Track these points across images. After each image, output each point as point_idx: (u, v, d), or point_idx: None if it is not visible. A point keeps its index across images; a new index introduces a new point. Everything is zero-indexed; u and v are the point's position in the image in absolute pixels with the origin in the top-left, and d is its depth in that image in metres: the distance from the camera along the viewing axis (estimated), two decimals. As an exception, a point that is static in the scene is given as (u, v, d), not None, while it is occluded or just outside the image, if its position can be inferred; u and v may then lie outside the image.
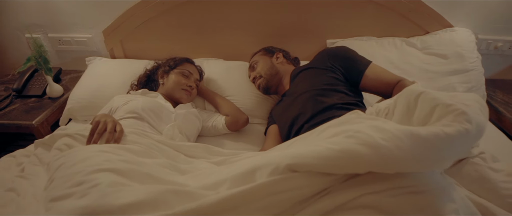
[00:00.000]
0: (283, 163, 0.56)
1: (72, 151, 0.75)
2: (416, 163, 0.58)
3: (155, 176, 0.64)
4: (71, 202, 0.54)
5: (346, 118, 0.73)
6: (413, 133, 0.57)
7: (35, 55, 1.25)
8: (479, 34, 1.46)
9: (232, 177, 0.59)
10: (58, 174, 0.68)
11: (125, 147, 0.77)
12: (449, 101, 0.65)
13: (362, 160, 0.55)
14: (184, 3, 1.43)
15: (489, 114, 1.37)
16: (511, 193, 0.78)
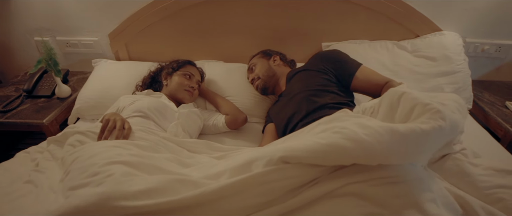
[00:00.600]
0: (276, 155, 0.62)
1: (85, 146, 0.81)
2: (395, 155, 0.65)
3: (162, 168, 0.71)
4: (89, 189, 0.61)
5: (335, 116, 0.80)
6: (392, 129, 0.64)
7: (46, 57, 1.32)
8: (467, 38, 1.53)
9: (231, 168, 0.65)
10: (74, 166, 0.74)
11: (134, 142, 0.84)
12: (427, 101, 0.71)
13: (346, 152, 0.62)
14: (186, 8, 1.49)
15: (477, 113, 1.44)
16: (488, 186, 0.84)
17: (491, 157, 1.11)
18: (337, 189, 0.64)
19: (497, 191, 0.82)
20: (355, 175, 0.65)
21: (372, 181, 0.65)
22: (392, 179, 0.66)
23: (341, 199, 0.63)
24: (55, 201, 0.68)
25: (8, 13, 1.57)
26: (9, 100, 1.40)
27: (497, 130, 1.31)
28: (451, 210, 0.73)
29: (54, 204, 0.62)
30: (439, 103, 0.74)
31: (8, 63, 1.76)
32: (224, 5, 1.48)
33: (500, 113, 1.34)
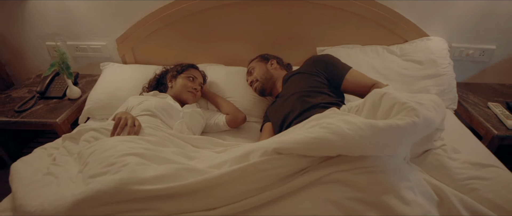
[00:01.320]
0: (271, 147, 0.71)
1: (100, 141, 0.90)
2: (375, 148, 0.74)
3: (170, 159, 0.79)
4: (108, 176, 0.70)
5: (324, 113, 0.89)
6: (372, 125, 0.73)
7: (59, 61, 1.41)
8: (453, 43, 1.61)
9: (232, 158, 0.74)
10: (91, 158, 0.83)
11: (144, 138, 0.92)
12: (404, 100, 0.80)
13: (331, 145, 0.70)
14: (190, 15, 1.57)
15: (462, 113, 1.52)
16: (463, 177, 0.93)
17: (471, 153, 1.19)
18: (324, 177, 0.72)
19: (471, 182, 0.91)
20: (340, 164, 0.74)
21: (355, 170, 0.74)
22: (373, 168, 0.75)
23: (328, 185, 0.72)
24: (76, 188, 0.76)
25: (23, 19, 1.66)
26: (23, 101, 1.49)
27: (479, 129, 1.40)
28: (427, 198, 0.81)
29: (78, 189, 0.71)
30: (416, 103, 0.83)
31: (21, 67, 1.85)
32: (225, 12, 1.57)
33: (483, 113, 1.42)
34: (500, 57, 1.64)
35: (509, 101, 1.47)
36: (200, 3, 1.53)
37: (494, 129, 1.30)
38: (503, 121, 1.34)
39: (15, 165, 0.98)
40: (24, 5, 1.61)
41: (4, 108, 1.45)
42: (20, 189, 0.81)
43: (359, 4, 1.51)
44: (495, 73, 1.69)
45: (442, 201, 0.83)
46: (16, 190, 0.82)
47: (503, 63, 1.65)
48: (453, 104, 1.50)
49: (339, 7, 1.52)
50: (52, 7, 1.61)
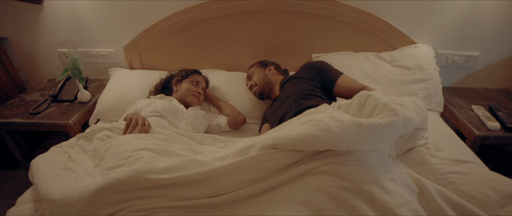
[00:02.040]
0: (267, 142, 0.80)
1: (114, 139, 0.99)
2: (359, 143, 0.83)
3: (179, 153, 0.89)
4: (125, 167, 0.79)
5: (316, 109, 0.99)
6: (357, 122, 0.82)
7: (71, 66, 1.50)
8: (439, 50, 1.72)
9: (234, 152, 0.83)
10: (107, 153, 0.92)
11: (153, 135, 1.02)
12: (386, 102, 0.90)
13: (320, 141, 0.80)
14: (193, 24, 1.67)
15: (448, 115, 1.60)
16: (443, 172, 1.02)
17: (454, 152, 1.28)
18: (315, 168, 0.82)
19: (449, 176, 1.00)
20: (329, 158, 0.83)
21: (342, 162, 0.83)
22: (358, 161, 0.84)
23: (318, 175, 0.81)
24: (95, 179, 0.85)
25: (37, 27, 1.76)
26: (37, 104, 1.58)
27: (463, 129, 1.49)
28: (408, 189, 0.90)
29: (97, 179, 0.80)
30: (397, 104, 0.93)
31: (32, 72, 1.95)
32: (226, 22, 1.66)
33: (466, 115, 1.51)
34: (483, 63, 1.74)
35: (491, 104, 1.56)
36: (203, 13, 1.63)
37: (476, 130, 1.40)
38: (484, 122, 1.43)
39: (35, 161, 1.06)
40: (39, 14, 1.71)
41: (20, 110, 1.54)
42: (43, 181, 0.90)
43: (351, 15, 1.61)
44: (479, 78, 1.79)
45: (422, 193, 0.92)
46: (39, 182, 0.91)
47: (486, 69, 1.75)
48: (439, 107, 1.59)
49: (333, 17, 1.62)
50: (65, 16, 1.71)
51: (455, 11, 1.58)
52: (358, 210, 0.75)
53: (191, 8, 1.64)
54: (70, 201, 0.74)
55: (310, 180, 0.80)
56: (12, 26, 1.77)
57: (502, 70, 1.74)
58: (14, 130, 1.56)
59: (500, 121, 1.43)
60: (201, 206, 0.74)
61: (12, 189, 1.70)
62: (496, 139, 1.38)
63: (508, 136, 1.36)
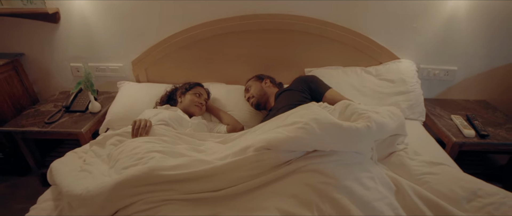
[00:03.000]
0: (260, 144, 0.93)
1: (126, 142, 1.12)
2: (340, 144, 0.96)
3: (184, 154, 1.01)
4: (139, 166, 0.91)
5: (305, 105, 1.13)
6: (338, 125, 0.96)
7: (84, 80, 1.64)
8: (421, 64, 1.86)
9: (233, 152, 0.96)
10: (121, 155, 1.04)
11: (161, 138, 1.14)
12: (363, 110, 1.04)
13: (306, 142, 0.93)
14: (196, 42, 1.81)
15: (430, 124, 1.72)
16: (418, 173, 1.14)
17: (432, 156, 1.40)
18: (303, 167, 0.94)
19: (424, 176, 1.12)
20: (316, 158, 0.96)
21: (326, 162, 0.96)
22: (340, 162, 0.97)
23: (305, 173, 0.93)
24: (111, 178, 0.97)
25: (53, 43, 1.90)
26: (51, 114, 1.70)
27: (443, 137, 1.61)
28: (386, 187, 1.02)
29: (114, 177, 0.92)
30: (372, 112, 1.06)
31: (46, 85, 2.08)
32: (226, 39, 1.81)
33: (446, 124, 1.64)
34: (462, 76, 1.88)
35: (469, 114, 1.70)
36: (205, 32, 1.78)
37: (454, 137, 1.52)
38: (461, 130, 1.56)
39: (54, 165, 1.18)
40: (55, 32, 1.86)
41: (35, 120, 1.67)
42: (65, 180, 1.01)
43: (340, 33, 1.77)
44: (459, 90, 1.93)
45: (398, 190, 1.04)
46: (61, 181, 1.02)
47: (465, 82, 1.90)
48: (422, 116, 1.73)
49: (323, 35, 1.78)
50: (79, 34, 1.86)
51: (432, 30, 1.74)
52: (339, 202, 0.87)
53: (194, 27, 1.79)
54: (91, 195, 0.86)
55: (299, 177, 0.92)
56: (29, 43, 1.92)
57: (479, 83, 1.89)
58: (29, 138, 1.68)
59: (475, 129, 1.56)
60: (205, 199, 0.86)
61: (23, 194, 1.80)
62: (471, 145, 1.50)
63: (482, 142, 1.49)
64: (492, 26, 1.70)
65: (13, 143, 1.82)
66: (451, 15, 1.68)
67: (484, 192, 1.01)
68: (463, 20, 1.69)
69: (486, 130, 1.55)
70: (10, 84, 1.86)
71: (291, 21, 1.74)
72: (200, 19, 1.78)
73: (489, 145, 1.50)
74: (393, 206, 0.96)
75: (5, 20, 1.83)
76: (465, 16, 1.68)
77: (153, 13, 1.78)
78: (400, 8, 1.69)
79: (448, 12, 1.68)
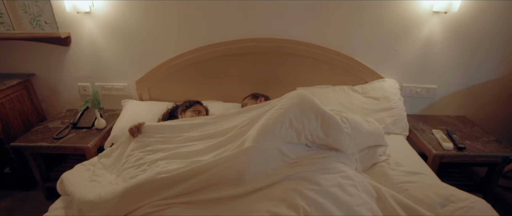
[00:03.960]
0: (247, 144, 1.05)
1: (132, 155, 1.22)
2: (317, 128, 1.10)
3: (184, 154, 1.13)
4: (145, 174, 1.01)
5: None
6: (319, 108, 1.09)
7: (92, 98, 1.76)
8: (404, 83, 2.01)
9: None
10: (126, 166, 1.15)
11: (157, 140, 1.26)
12: (339, 111, 1.19)
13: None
14: (196, 63, 1.95)
15: (413, 138, 1.84)
16: (398, 181, 1.25)
17: (413, 167, 1.51)
18: (293, 175, 1.05)
19: (404, 185, 1.23)
20: (303, 166, 1.07)
21: (313, 171, 1.07)
22: (325, 170, 1.08)
23: (294, 180, 1.04)
24: (120, 186, 1.07)
25: (63, 64, 2.03)
26: (59, 130, 1.80)
27: (425, 150, 1.73)
28: (368, 194, 1.13)
29: (122, 184, 1.02)
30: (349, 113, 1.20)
31: (54, 103, 2.19)
32: (223, 61, 1.95)
33: (427, 138, 1.76)
34: (442, 94, 2.03)
35: (449, 128, 1.83)
36: (204, 54, 1.93)
37: (434, 149, 1.64)
38: (441, 143, 1.68)
39: (65, 175, 1.28)
40: (65, 54, 1.99)
41: (44, 135, 1.76)
42: (76, 188, 1.11)
43: (329, 55, 1.91)
44: (440, 107, 2.07)
45: (379, 197, 1.15)
46: (73, 189, 1.12)
47: (444, 99, 2.04)
48: (405, 131, 1.84)
49: (313, 57, 1.92)
50: (87, 55, 1.99)
51: (412, 52, 1.90)
52: (324, 206, 0.97)
53: (193, 51, 1.93)
54: (103, 200, 0.96)
55: (288, 184, 1.03)
56: (40, 64, 2.05)
57: (458, 100, 2.03)
58: (37, 153, 1.77)
59: (454, 142, 1.68)
60: (204, 202, 0.96)
61: (29, 208, 1.86)
62: (450, 157, 1.62)
63: (459, 154, 1.61)
64: (465, 48, 1.86)
65: (21, 158, 1.91)
66: (427, 39, 1.85)
67: (456, 198, 1.12)
68: (438, 43, 1.86)
69: (464, 143, 1.67)
70: (21, 103, 1.97)
71: (283, 45, 1.90)
72: (198, 43, 1.92)
73: (466, 157, 1.62)
74: (374, 211, 1.06)
75: (19, 43, 1.97)
76: (440, 40, 1.85)
77: (156, 38, 1.92)
78: (382, 33, 1.86)
79: (424, 36, 1.84)
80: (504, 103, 2.01)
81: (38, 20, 1.87)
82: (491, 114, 2.05)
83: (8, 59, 2.03)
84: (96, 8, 1.84)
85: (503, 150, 1.63)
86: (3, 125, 1.83)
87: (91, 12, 1.85)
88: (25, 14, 1.86)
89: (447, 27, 1.81)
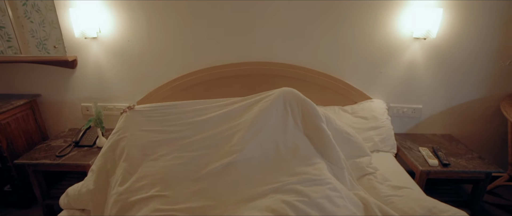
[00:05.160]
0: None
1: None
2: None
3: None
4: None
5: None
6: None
7: (95, 118, 1.83)
8: (391, 103, 2.11)
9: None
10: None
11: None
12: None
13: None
14: (194, 85, 2.04)
15: (401, 155, 1.91)
16: (386, 195, 1.31)
17: (400, 182, 1.57)
18: (282, 186, 1.11)
19: (390, 198, 1.30)
20: (293, 177, 1.14)
21: (302, 183, 1.13)
22: (314, 182, 1.15)
23: (284, 193, 1.10)
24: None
25: (67, 86, 2.13)
26: (62, 148, 1.86)
27: (412, 167, 1.80)
28: (355, 205, 1.19)
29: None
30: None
31: (56, 122, 2.26)
32: (219, 83, 2.05)
33: (414, 155, 1.84)
34: (427, 114, 2.13)
35: (435, 146, 1.91)
36: (201, 77, 2.03)
37: (420, 166, 1.71)
38: (427, 160, 1.75)
39: (70, 191, 1.33)
40: (71, 76, 2.10)
41: (47, 153, 1.82)
42: None
43: (319, 78, 2.03)
44: (426, 126, 2.16)
45: (366, 207, 1.21)
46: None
47: (430, 118, 2.14)
48: (393, 149, 1.92)
49: (304, 79, 2.03)
50: (92, 77, 2.10)
51: (396, 75, 2.02)
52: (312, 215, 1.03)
53: (191, 73, 2.04)
54: None
55: (278, 195, 1.09)
56: (46, 85, 2.14)
57: (442, 119, 2.13)
58: (39, 170, 1.81)
59: (439, 159, 1.76)
60: (198, 208, 1.02)
61: (27, 225, 1.88)
62: (436, 173, 1.69)
63: (444, 170, 1.68)
64: (446, 71, 1.98)
65: (22, 176, 1.94)
66: (410, 62, 1.98)
67: (438, 209, 1.18)
68: (420, 66, 1.98)
69: (448, 159, 1.75)
70: (26, 122, 2.04)
71: (277, 68, 2.01)
72: (196, 67, 2.04)
73: (451, 173, 1.69)
74: (360, 221, 1.12)
75: (27, 65, 2.07)
76: (422, 63, 1.98)
77: (157, 61, 2.04)
78: (368, 57, 1.98)
79: (407, 60, 1.97)
80: (486, 122, 2.11)
81: (44, 44, 1.98)
82: (475, 132, 2.14)
83: (17, 80, 2.13)
84: (102, 34, 1.97)
85: (485, 166, 1.71)
86: (8, 143, 1.89)
87: (97, 38, 1.97)
88: (32, 38, 1.97)
89: (427, 51, 1.94)
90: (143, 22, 1.94)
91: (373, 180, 1.40)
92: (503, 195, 2.11)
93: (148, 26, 1.94)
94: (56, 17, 1.91)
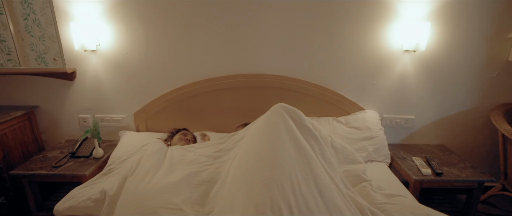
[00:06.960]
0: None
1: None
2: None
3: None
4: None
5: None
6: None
7: (92, 129, 1.84)
8: (384, 114, 2.15)
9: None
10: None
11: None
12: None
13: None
14: (190, 97, 2.07)
15: (395, 165, 1.93)
16: (380, 202, 1.32)
17: (394, 191, 1.58)
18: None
19: (384, 205, 1.31)
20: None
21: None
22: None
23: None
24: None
25: (65, 98, 2.14)
26: (58, 159, 1.86)
27: (406, 176, 1.81)
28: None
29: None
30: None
31: (53, 134, 2.26)
32: (215, 95, 2.07)
33: (408, 165, 1.85)
34: (420, 124, 2.16)
35: (428, 156, 1.93)
36: (197, 89, 2.06)
37: (414, 175, 1.72)
38: (420, 169, 1.77)
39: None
40: (69, 88, 2.12)
41: (43, 164, 1.81)
42: None
43: (314, 89, 2.06)
44: (419, 136, 2.19)
45: (360, 212, 1.22)
46: None
47: (423, 129, 2.17)
48: (387, 159, 1.94)
49: (299, 91, 2.07)
50: (90, 89, 2.12)
51: (388, 86, 2.06)
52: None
53: (187, 85, 2.07)
54: None
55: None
56: (44, 97, 2.16)
57: (435, 129, 2.16)
58: (34, 181, 1.80)
59: (432, 168, 1.77)
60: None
61: (20, 238, 1.84)
62: (429, 182, 1.70)
63: (437, 180, 1.69)
64: (436, 82, 2.03)
65: (17, 188, 1.93)
66: (402, 74, 2.03)
67: (430, 217, 1.19)
68: (411, 78, 2.03)
69: (441, 169, 1.76)
70: (23, 133, 2.04)
71: (271, 80, 2.05)
72: (192, 79, 2.07)
73: (444, 182, 1.70)
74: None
75: (26, 77, 2.09)
76: (413, 75, 2.02)
77: (154, 73, 2.07)
78: (361, 69, 2.03)
79: (398, 72, 2.02)
80: (477, 132, 2.14)
81: (43, 58, 2.01)
82: (467, 142, 2.17)
83: (16, 92, 2.15)
84: (101, 47, 2.01)
85: (478, 175, 1.72)
86: (4, 154, 1.88)
87: (97, 50, 2.01)
88: (32, 51, 2.01)
89: (417, 63, 2.00)
90: (142, 36, 1.98)
91: (368, 188, 1.42)
92: (497, 204, 2.12)
93: (146, 40, 1.99)
94: (56, 32, 1.95)
